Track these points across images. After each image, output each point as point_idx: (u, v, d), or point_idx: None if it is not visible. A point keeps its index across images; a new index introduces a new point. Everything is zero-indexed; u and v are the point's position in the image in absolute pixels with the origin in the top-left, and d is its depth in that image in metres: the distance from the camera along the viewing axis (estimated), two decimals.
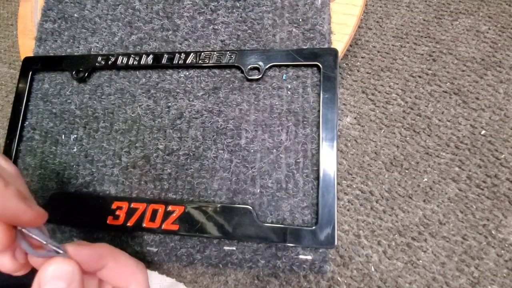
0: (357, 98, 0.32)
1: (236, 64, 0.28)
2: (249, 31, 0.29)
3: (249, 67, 0.28)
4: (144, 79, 0.30)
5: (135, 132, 0.29)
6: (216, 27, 0.30)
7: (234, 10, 0.30)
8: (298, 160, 0.26)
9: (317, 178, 0.26)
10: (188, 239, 0.27)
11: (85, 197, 0.28)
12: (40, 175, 0.30)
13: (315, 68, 0.28)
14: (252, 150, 0.27)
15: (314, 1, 0.29)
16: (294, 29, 0.29)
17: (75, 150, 0.30)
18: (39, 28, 0.34)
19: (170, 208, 0.26)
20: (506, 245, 0.26)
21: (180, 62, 0.29)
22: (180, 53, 0.29)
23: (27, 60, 0.33)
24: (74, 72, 0.31)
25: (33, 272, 0.19)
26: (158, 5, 0.32)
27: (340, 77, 0.33)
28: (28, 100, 0.32)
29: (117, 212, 0.27)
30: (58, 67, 0.32)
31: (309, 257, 0.25)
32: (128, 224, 0.27)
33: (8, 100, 0.40)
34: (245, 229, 0.25)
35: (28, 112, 0.32)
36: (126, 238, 0.28)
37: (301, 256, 0.25)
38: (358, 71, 0.33)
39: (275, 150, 0.27)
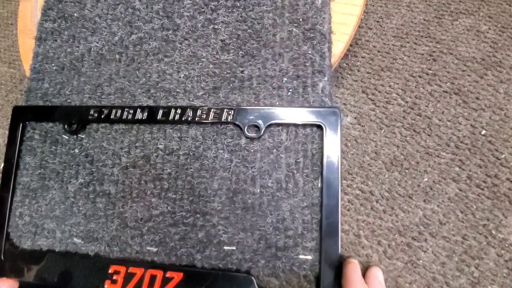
0: (357, 98, 0.32)
1: (235, 122, 0.27)
2: (249, 30, 0.29)
3: (248, 125, 0.27)
4: (144, 79, 0.30)
5: (135, 132, 0.29)
6: (216, 26, 0.30)
7: (234, 10, 0.30)
8: (298, 160, 0.26)
9: (320, 175, 0.25)
10: (188, 239, 0.27)
11: (82, 259, 0.28)
12: (40, 175, 0.30)
13: (317, 68, 0.28)
14: (252, 150, 0.27)
15: (314, 1, 0.29)
16: (294, 29, 0.29)
17: (76, 150, 0.30)
18: (39, 27, 0.34)
19: (168, 274, 0.26)
20: (506, 245, 0.26)
21: (176, 117, 0.28)
22: (176, 108, 0.28)
23: (17, 110, 0.31)
24: (66, 125, 0.30)
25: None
26: (158, 5, 0.31)
27: (340, 76, 0.33)
28: (20, 152, 0.31)
29: (115, 277, 0.27)
30: (50, 118, 0.31)
31: (309, 257, 0.25)
32: None
33: (8, 99, 0.40)
34: None
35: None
36: (126, 238, 0.28)
37: (301, 256, 0.25)
38: (358, 71, 0.33)
39: (275, 150, 0.27)
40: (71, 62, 0.32)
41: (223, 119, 0.27)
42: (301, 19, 0.29)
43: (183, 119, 0.28)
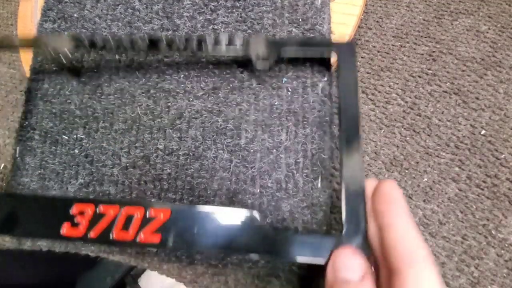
0: None
1: (246, 53, 0.25)
2: (249, 31, 0.29)
3: (258, 57, 0.25)
4: (144, 79, 0.30)
5: (134, 132, 0.29)
6: (216, 27, 0.30)
7: (234, 10, 0.30)
8: (298, 160, 0.26)
9: (320, 175, 0.25)
10: None
11: (37, 200, 0.23)
12: (40, 175, 0.30)
13: (316, 68, 0.28)
14: (252, 150, 0.27)
15: (314, 1, 0.29)
16: (294, 29, 0.29)
17: (76, 151, 0.30)
18: (39, 28, 0.34)
19: (151, 212, 0.20)
20: (506, 245, 0.26)
21: (180, 47, 0.25)
22: (180, 37, 0.25)
23: None
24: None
25: (35, 273, 0.19)
26: (157, 5, 0.31)
27: None
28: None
29: (78, 219, 0.21)
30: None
31: None
32: (91, 235, 0.20)
33: (8, 100, 0.40)
34: (250, 240, 0.20)
35: (28, 112, 0.32)
36: None
37: None
38: (358, 71, 0.33)
39: (275, 150, 0.27)
40: (71, 63, 0.32)
41: (231, 51, 0.25)
42: (300, 20, 0.29)
43: (187, 48, 0.25)
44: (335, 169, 0.30)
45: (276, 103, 0.28)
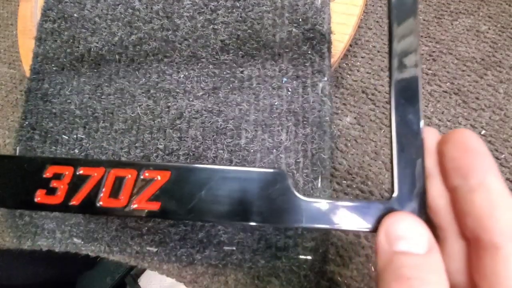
0: (357, 98, 0.32)
1: None
2: (249, 31, 0.29)
3: None
4: (144, 79, 0.30)
5: (134, 132, 0.29)
6: (216, 27, 0.30)
7: (234, 10, 0.30)
8: (298, 160, 0.26)
9: (320, 175, 0.23)
10: (188, 239, 0.27)
11: (7, 162, 0.18)
12: None
13: (316, 68, 0.28)
14: (252, 150, 0.27)
15: (314, 1, 0.29)
16: (294, 29, 0.29)
17: (76, 151, 0.30)
18: (39, 28, 0.34)
19: (146, 174, 0.17)
20: None
21: None
22: None
23: None
24: None
25: (35, 273, 0.18)
26: (158, 5, 0.31)
27: (340, 77, 0.33)
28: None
29: (53, 184, 0.17)
30: None
31: (309, 257, 0.25)
32: (72, 202, 0.17)
33: (8, 100, 0.40)
34: (276, 208, 0.16)
35: (28, 112, 0.32)
36: (126, 238, 0.28)
37: (301, 256, 0.25)
38: (358, 71, 0.33)
39: (275, 150, 0.27)
40: (71, 63, 0.32)
41: None
42: (300, 19, 0.29)
43: None
44: (335, 169, 0.30)
45: (276, 103, 0.28)
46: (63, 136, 0.30)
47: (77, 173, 0.17)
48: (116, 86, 0.31)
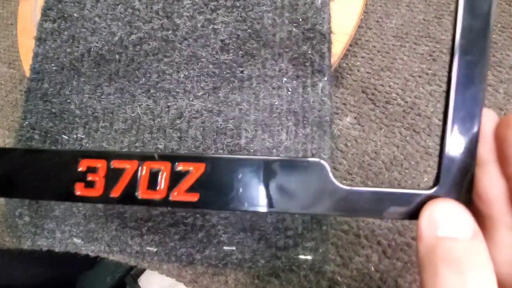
0: (357, 97, 0.32)
1: None
2: (249, 30, 0.29)
3: None
4: (144, 79, 0.30)
5: (134, 132, 0.29)
6: (216, 26, 0.30)
7: (234, 10, 0.30)
8: None
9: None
10: (188, 239, 0.27)
11: (31, 155, 0.19)
12: None
13: (316, 68, 0.28)
14: (252, 150, 0.27)
15: (314, 1, 0.29)
16: (294, 29, 0.29)
17: None
18: (39, 27, 0.34)
19: (180, 167, 0.17)
20: None
21: None
22: None
23: None
24: None
25: (35, 273, 0.19)
26: (157, 5, 0.31)
27: (340, 77, 0.33)
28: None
29: (90, 177, 0.18)
30: None
31: (309, 257, 0.25)
32: (112, 194, 0.17)
33: (8, 100, 0.40)
34: (317, 196, 0.16)
35: (28, 112, 0.32)
36: (126, 238, 0.28)
37: (301, 256, 0.25)
38: (358, 71, 0.33)
39: (275, 150, 0.27)
40: (71, 62, 0.32)
41: None
42: (300, 19, 0.29)
43: None
44: (336, 169, 0.30)
45: (276, 103, 0.28)
46: (63, 136, 0.30)
47: (111, 167, 0.17)
48: (116, 86, 0.31)
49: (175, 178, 0.17)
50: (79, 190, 0.18)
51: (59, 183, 0.18)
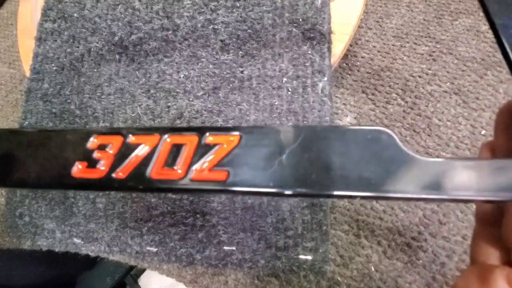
0: (357, 98, 0.32)
1: None
2: (249, 30, 0.29)
3: None
4: (144, 79, 0.30)
5: None
6: (216, 26, 0.30)
7: (234, 10, 0.30)
8: None
9: None
10: (188, 239, 0.27)
11: (40, 136, 0.16)
12: None
13: (316, 68, 0.28)
14: None
15: (314, 1, 0.29)
16: (294, 29, 0.29)
17: None
18: (39, 27, 0.34)
19: (209, 138, 0.14)
20: None
21: None
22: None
23: None
24: None
25: (35, 273, 0.18)
26: (158, 5, 0.31)
27: (340, 76, 0.33)
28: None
29: (96, 155, 0.15)
30: None
31: (309, 257, 0.25)
32: (117, 174, 0.14)
33: (8, 100, 0.40)
34: (382, 172, 0.12)
35: (28, 112, 0.32)
36: (126, 238, 0.28)
37: (301, 256, 0.25)
38: (358, 71, 0.33)
39: None
40: (71, 62, 0.32)
41: None
42: (300, 19, 0.29)
43: None
44: None
45: (276, 103, 0.28)
46: None
47: (127, 142, 0.14)
48: (116, 86, 0.31)
49: (201, 154, 0.14)
50: (77, 171, 0.15)
51: (59, 163, 0.15)
